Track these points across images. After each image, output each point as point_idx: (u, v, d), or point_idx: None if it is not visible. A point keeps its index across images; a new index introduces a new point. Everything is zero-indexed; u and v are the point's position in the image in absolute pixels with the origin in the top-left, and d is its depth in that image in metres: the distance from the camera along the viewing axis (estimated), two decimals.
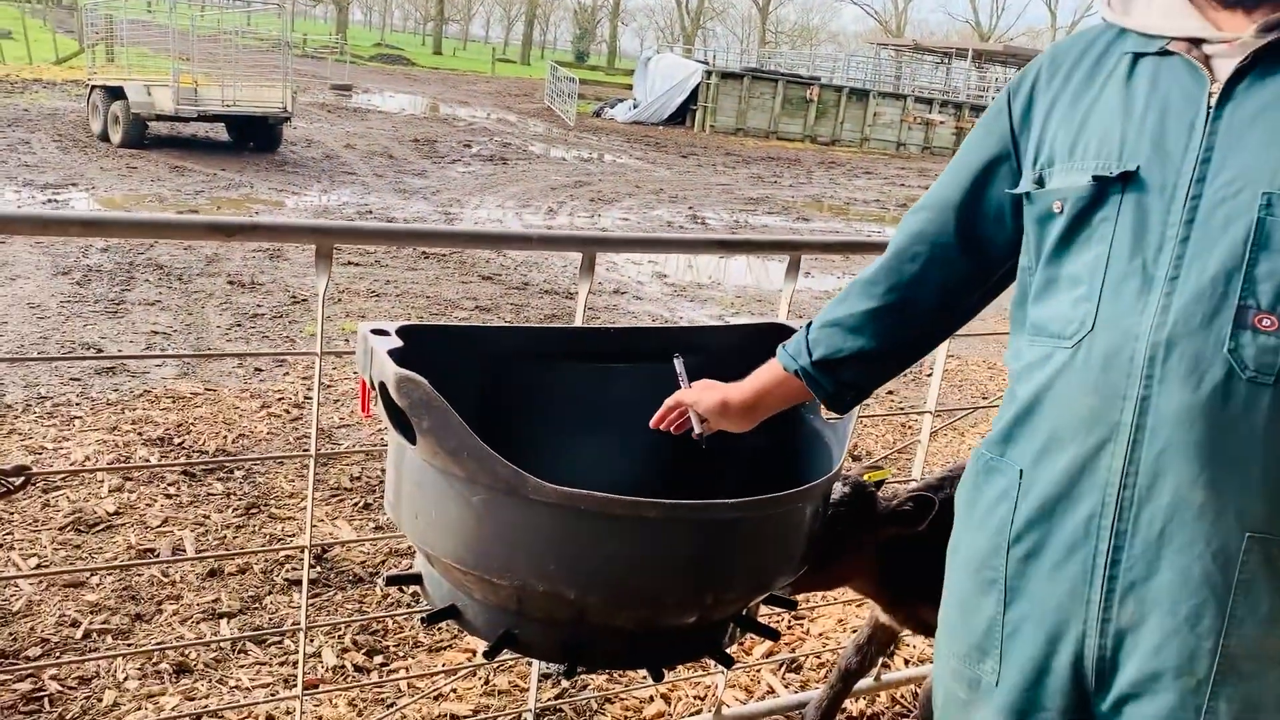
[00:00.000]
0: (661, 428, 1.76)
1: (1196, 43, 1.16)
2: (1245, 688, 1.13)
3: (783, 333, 2.11)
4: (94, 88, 15.50)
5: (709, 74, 29.67)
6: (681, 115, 29.86)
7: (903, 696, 2.95)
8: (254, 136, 15.66)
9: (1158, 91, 1.18)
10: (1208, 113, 1.13)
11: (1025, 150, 1.32)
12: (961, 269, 1.43)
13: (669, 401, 1.73)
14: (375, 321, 1.84)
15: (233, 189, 12.50)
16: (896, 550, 2.01)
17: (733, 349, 2.12)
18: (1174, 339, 1.11)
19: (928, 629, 2.34)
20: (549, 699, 2.82)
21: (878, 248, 2.62)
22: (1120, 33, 1.25)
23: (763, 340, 2.12)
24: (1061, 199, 1.23)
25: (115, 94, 14.68)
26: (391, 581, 2.02)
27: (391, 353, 1.69)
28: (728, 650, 1.87)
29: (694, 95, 29.39)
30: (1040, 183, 1.27)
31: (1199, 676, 1.14)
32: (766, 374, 1.63)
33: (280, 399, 5.24)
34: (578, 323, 2.23)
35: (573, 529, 1.60)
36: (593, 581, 1.65)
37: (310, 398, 5.31)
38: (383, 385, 1.67)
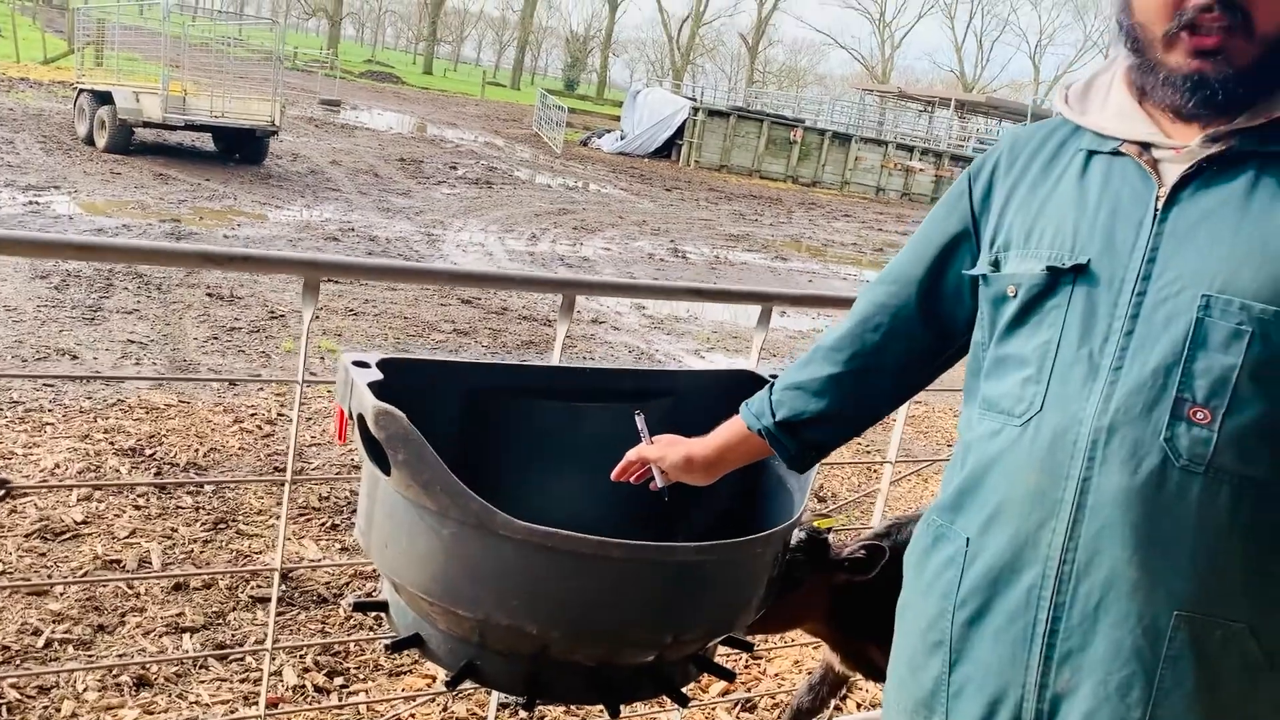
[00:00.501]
0: (622, 480, 1.80)
1: (1146, 147, 1.23)
2: None
3: (753, 380, 2.18)
4: (81, 91, 15.47)
5: (696, 110, 29.94)
6: (668, 149, 30.10)
7: None
8: (240, 148, 15.68)
9: (1109, 190, 1.24)
10: (1154, 214, 1.19)
11: (984, 232, 1.39)
12: (921, 341, 1.49)
13: (631, 455, 1.77)
14: (357, 353, 1.88)
15: (216, 200, 12.50)
16: (848, 595, 2.08)
17: (703, 394, 2.18)
18: (1115, 425, 1.17)
19: (878, 672, 2.40)
20: None
21: (846, 302, 2.70)
22: (1076, 129, 1.32)
23: (732, 387, 2.19)
24: (1016, 284, 1.29)
25: (103, 99, 14.67)
26: (358, 608, 2.06)
27: (371, 385, 1.74)
28: (684, 690, 1.92)
29: (680, 130, 29.64)
30: (996, 265, 1.33)
31: None
32: (729, 431, 1.68)
33: (253, 415, 5.26)
34: (555, 360, 2.29)
35: (539, 565, 1.64)
36: (556, 617, 1.69)
37: (284, 415, 5.34)
38: (361, 417, 1.71)
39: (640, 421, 1.84)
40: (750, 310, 10.15)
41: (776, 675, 3.31)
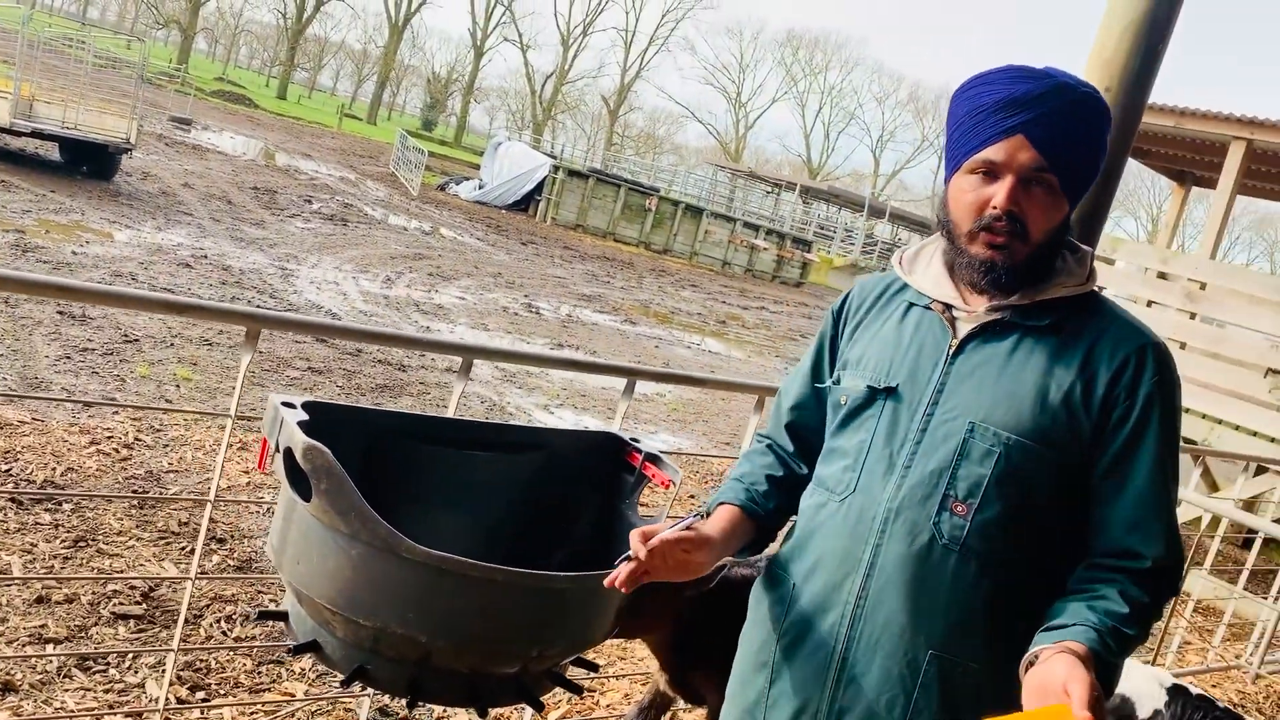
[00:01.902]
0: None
1: (949, 307, 1.68)
2: None
3: (617, 442, 2.59)
4: None
5: (557, 169, 30.55)
6: (525, 203, 30.52)
7: None
8: (89, 162, 15.20)
9: (919, 334, 1.69)
10: (947, 358, 1.64)
11: (837, 354, 1.82)
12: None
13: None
14: (284, 395, 2.20)
15: (62, 213, 12.15)
16: (691, 610, 2.45)
17: (572, 450, 2.58)
18: (901, 509, 1.60)
19: (697, 698, 2.82)
20: None
21: (698, 381, 3.17)
22: (905, 285, 1.77)
23: (599, 447, 2.59)
24: (846, 395, 1.73)
25: None
26: (262, 616, 2.34)
27: (300, 423, 2.06)
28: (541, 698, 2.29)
29: (540, 186, 30.15)
30: (838, 380, 1.77)
31: None
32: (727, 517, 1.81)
33: (110, 437, 5.32)
34: (450, 414, 2.64)
35: (434, 584, 1.99)
36: (443, 629, 2.03)
37: (140, 439, 5.41)
38: (288, 450, 2.03)
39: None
40: (596, 375, 10.60)
41: (608, 705, 3.69)
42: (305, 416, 2.13)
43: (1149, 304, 9.49)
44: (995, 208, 1.56)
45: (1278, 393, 8.55)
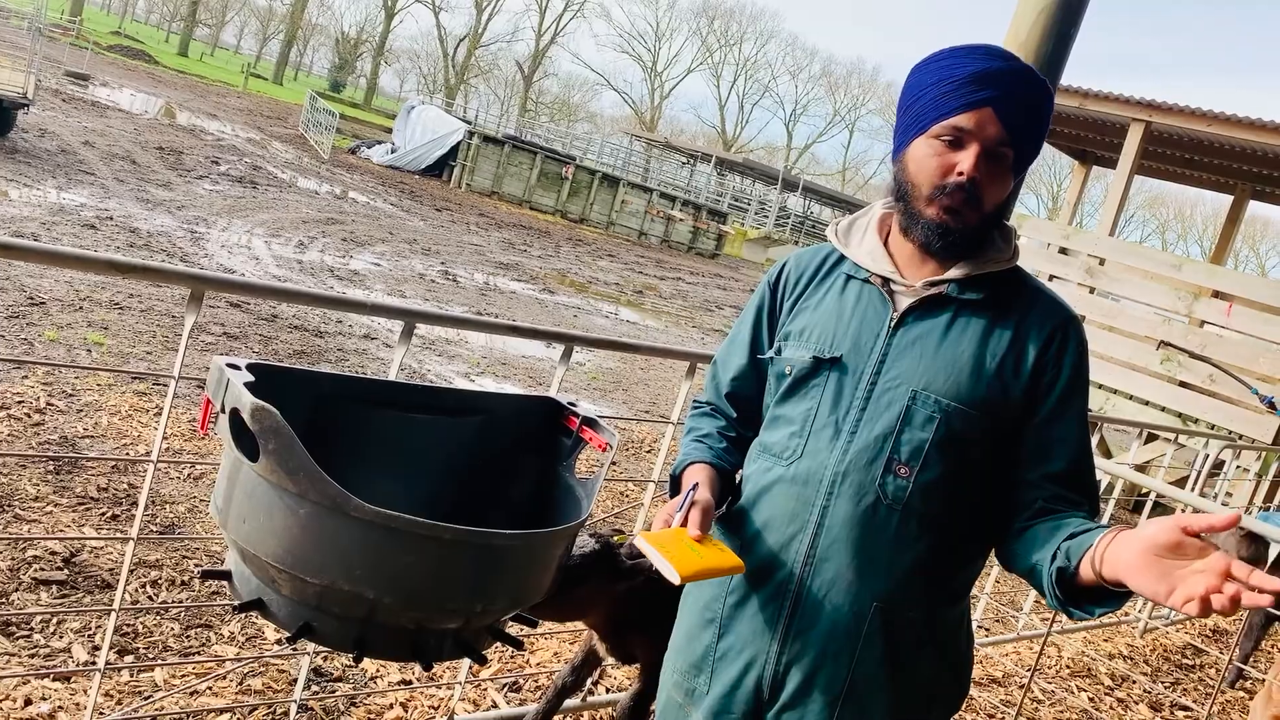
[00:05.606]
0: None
1: (887, 281, 1.78)
2: (863, 703, 1.74)
3: (555, 406, 2.66)
4: None
5: (472, 134, 30.17)
6: (439, 169, 30.09)
7: (602, 717, 3.52)
8: None
9: (859, 307, 1.77)
10: (888, 330, 1.73)
11: (777, 325, 1.90)
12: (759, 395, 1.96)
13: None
14: (228, 357, 2.22)
15: None
16: (628, 592, 2.57)
17: (511, 414, 2.64)
18: (848, 471, 1.69)
19: (630, 659, 2.92)
20: (302, 697, 3.16)
21: (632, 348, 3.25)
22: (842, 257, 1.85)
23: (537, 410, 2.66)
24: (790, 365, 1.80)
25: None
26: (206, 575, 2.35)
27: (247, 384, 2.09)
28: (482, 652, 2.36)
29: (454, 151, 29.75)
30: (779, 351, 1.84)
31: (834, 694, 1.73)
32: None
33: (20, 402, 5.18)
34: (392, 377, 2.68)
35: (381, 541, 2.04)
36: (391, 585, 2.08)
37: (52, 404, 5.29)
38: (235, 411, 2.05)
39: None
40: (516, 342, 10.60)
41: (539, 664, 3.78)
42: (251, 378, 2.16)
43: (1051, 278, 9.87)
44: (961, 174, 1.64)
45: (1168, 364, 9.01)
